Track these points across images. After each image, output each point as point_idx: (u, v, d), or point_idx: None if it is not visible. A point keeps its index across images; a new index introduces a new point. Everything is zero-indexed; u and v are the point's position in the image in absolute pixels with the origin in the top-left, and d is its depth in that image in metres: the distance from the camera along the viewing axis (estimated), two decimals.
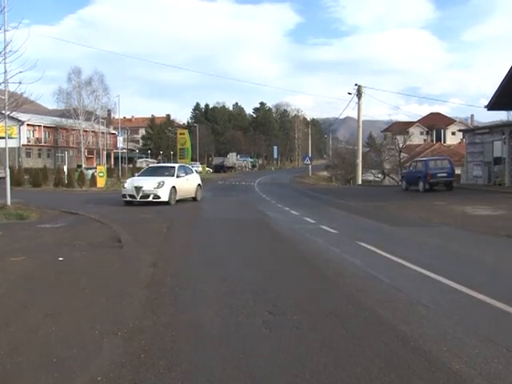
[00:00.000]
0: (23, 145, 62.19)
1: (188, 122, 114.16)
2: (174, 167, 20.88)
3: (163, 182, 18.49)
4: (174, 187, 18.79)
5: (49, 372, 3.56)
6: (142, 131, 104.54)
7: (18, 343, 4.12)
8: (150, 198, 18.17)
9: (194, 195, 20.80)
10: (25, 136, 62.93)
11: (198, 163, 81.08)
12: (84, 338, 4.26)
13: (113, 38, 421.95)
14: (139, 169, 53.98)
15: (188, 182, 20.34)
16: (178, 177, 19.56)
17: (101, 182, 34.40)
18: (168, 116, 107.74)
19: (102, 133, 65.55)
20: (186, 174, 20.63)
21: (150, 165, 29.90)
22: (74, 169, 46.35)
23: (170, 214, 15.38)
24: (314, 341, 4.21)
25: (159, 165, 33.50)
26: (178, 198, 19.06)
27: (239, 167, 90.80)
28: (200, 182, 21.77)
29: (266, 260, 8.17)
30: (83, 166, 51.60)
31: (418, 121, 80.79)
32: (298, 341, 4.20)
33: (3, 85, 20.33)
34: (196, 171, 24.25)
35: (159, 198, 18.20)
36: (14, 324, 4.62)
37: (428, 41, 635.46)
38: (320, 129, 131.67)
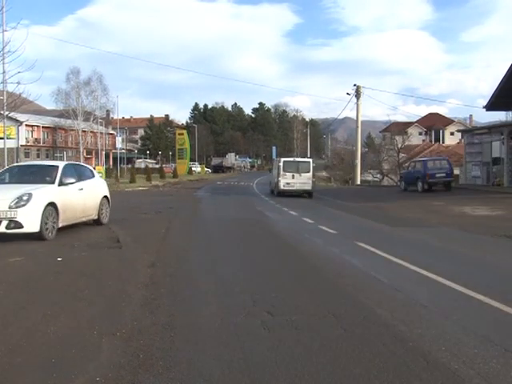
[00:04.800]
0: (22, 145, 62.20)
1: (187, 123, 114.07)
2: (56, 167, 11.17)
3: (29, 196, 9.58)
4: (52, 205, 9.96)
5: (47, 372, 3.55)
6: (141, 131, 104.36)
7: (16, 344, 4.11)
8: (2, 228, 9.37)
9: (94, 215, 12.07)
10: (23, 136, 62.91)
11: (196, 163, 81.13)
12: (83, 338, 4.26)
13: (112, 39, 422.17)
14: (138, 169, 54.03)
15: (83, 195, 11.36)
16: (62, 184, 10.65)
17: None
18: (167, 116, 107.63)
19: (101, 133, 65.39)
20: (80, 179, 11.55)
21: (17, 163, 15.48)
22: None
23: (168, 215, 15.38)
24: (313, 341, 4.20)
25: (30, 163, 18.33)
26: (63, 224, 10.41)
27: (238, 167, 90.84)
28: (107, 194, 12.91)
29: (265, 260, 8.16)
30: None
31: (417, 121, 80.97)
32: (297, 341, 4.20)
33: (2, 85, 20.25)
34: (100, 175, 14.01)
35: (20, 226, 9.38)
36: (13, 324, 4.61)
37: (427, 42, 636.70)
38: (319, 129, 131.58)
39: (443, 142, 68.94)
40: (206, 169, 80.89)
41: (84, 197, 11.40)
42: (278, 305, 5.29)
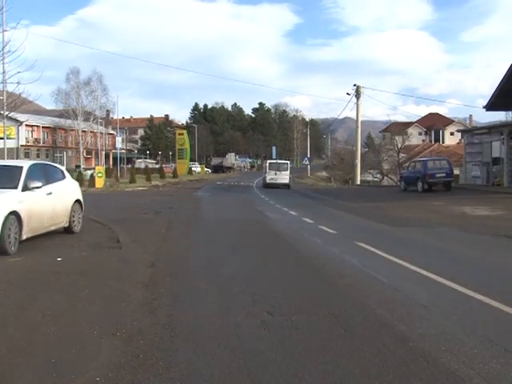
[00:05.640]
0: (22, 145, 62.20)
1: (187, 123, 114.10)
2: (19, 169, 9.34)
3: None
4: (15, 214, 8.32)
5: (47, 372, 3.55)
6: (141, 131, 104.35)
7: (16, 344, 4.11)
8: None
9: (65, 223, 10.43)
10: (23, 136, 62.92)
11: (196, 163, 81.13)
12: (83, 338, 4.26)
13: (112, 39, 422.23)
14: (138, 169, 54.08)
15: (52, 200, 9.74)
16: (27, 189, 8.95)
17: (99, 183, 34.44)
18: (167, 116, 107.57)
19: (101, 133, 65.46)
20: (48, 181, 9.90)
21: None
22: (72, 169, 46.32)
23: (168, 215, 15.38)
24: (313, 341, 4.21)
25: None
26: (27, 236, 8.75)
27: (238, 168, 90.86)
28: (80, 197, 11.30)
29: (265, 260, 8.16)
30: (82, 166, 51.57)
31: (417, 121, 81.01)
32: (297, 341, 4.20)
33: (1, 85, 20.30)
34: (71, 176, 11.68)
35: None
36: (13, 324, 4.61)
37: (427, 42, 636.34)
38: (319, 129, 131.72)
39: (443, 142, 68.96)
40: (206, 169, 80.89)
41: (53, 202, 9.77)
42: (278, 305, 5.29)
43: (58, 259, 7.75)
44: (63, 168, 11.79)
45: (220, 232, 12.03)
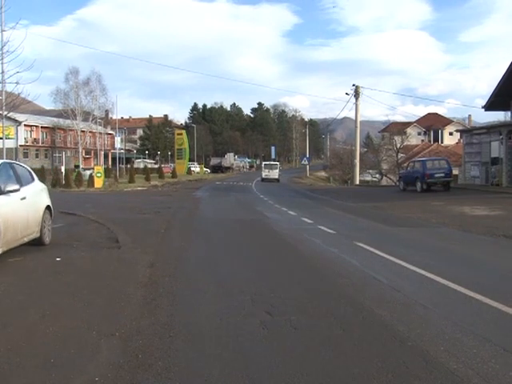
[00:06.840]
0: (21, 145, 62.15)
1: (186, 123, 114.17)
2: None
3: None
4: None
5: (46, 373, 3.55)
6: (140, 132, 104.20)
7: (15, 344, 4.11)
8: None
9: (37, 233, 8.76)
10: (22, 136, 62.87)
11: (195, 163, 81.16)
12: (82, 338, 4.26)
13: (111, 39, 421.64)
14: (137, 169, 54.10)
15: (25, 206, 8.24)
16: (1, 193, 7.43)
17: (98, 183, 34.49)
18: (166, 116, 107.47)
19: (100, 133, 65.40)
20: (21, 184, 8.29)
21: None
22: (71, 169, 46.29)
23: (167, 215, 15.38)
24: (312, 341, 4.21)
25: None
26: (2, 250, 7.22)
27: (237, 167, 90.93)
28: (49, 202, 9.61)
29: (264, 260, 8.17)
30: (81, 166, 51.55)
31: (416, 121, 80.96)
32: (296, 341, 4.20)
33: (0, 85, 20.33)
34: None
35: None
36: (12, 324, 4.61)
37: (426, 42, 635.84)
38: (318, 129, 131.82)
39: (442, 142, 68.96)
40: (205, 169, 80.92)
41: (27, 209, 8.22)
42: (277, 305, 5.29)
43: (58, 259, 7.75)
44: (30, 168, 9.89)
45: (219, 232, 12.02)
